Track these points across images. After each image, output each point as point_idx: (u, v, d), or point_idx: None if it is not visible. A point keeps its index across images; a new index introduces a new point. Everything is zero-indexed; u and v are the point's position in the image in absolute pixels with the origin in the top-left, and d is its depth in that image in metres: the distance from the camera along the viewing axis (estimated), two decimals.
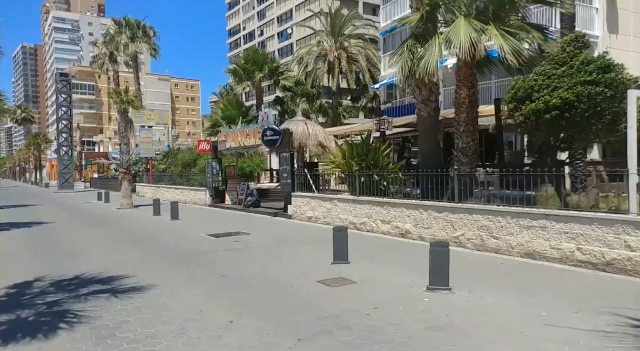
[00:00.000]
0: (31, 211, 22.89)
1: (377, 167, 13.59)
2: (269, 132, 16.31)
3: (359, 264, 8.38)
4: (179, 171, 29.59)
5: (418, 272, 7.67)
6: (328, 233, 12.53)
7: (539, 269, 7.76)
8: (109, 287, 7.35)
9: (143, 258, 9.72)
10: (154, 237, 12.93)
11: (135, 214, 20.03)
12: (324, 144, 16.71)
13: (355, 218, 12.90)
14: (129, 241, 12.33)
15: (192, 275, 8.08)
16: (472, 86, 11.64)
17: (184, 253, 10.26)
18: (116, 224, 16.46)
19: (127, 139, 23.26)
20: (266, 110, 17.58)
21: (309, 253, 9.85)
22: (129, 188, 23.05)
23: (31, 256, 10.36)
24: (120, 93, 22.86)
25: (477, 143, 11.76)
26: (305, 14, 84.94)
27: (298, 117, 17.98)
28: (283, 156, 16.31)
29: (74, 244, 11.80)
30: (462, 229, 9.73)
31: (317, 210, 14.59)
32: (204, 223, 16.02)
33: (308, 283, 7.26)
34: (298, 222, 15.26)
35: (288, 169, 16.03)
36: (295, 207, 15.76)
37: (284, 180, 16.33)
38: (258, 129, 18.21)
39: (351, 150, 14.45)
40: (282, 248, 10.47)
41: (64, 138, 44.15)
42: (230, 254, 9.89)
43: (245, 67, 35.31)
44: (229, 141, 20.77)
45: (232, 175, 22.91)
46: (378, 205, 12.06)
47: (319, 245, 10.67)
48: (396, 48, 11.82)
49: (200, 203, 23.21)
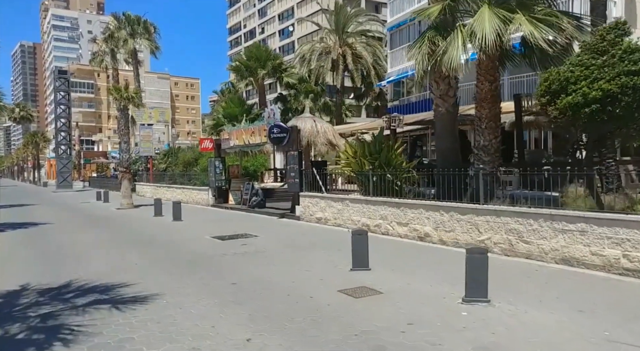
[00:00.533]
0: (28, 211, 22.22)
1: (390, 166, 12.96)
2: (275, 130, 15.64)
3: (380, 272, 7.72)
4: (180, 170, 28.92)
5: (447, 280, 7.03)
6: (340, 235, 12.00)
7: (581, 278, 7.10)
8: (110, 297, 6.69)
9: (146, 263, 9.06)
10: (156, 239, 12.27)
11: (135, 214, 19.36)
12: (333, 142, 16.04)
13: (369, 220, 12.24)
14: (130, 244, 11.66)
15: (200, 283, 7.41)
16: (494, 79, 11.00)
17: (189, 257, 9.59)
18: (116, 225, 15.80)
19: (128, 137, 22.59)
20: (272, 106, 16.92)
21: (323, 257, 9.18)
22: (129, 187, 22.38)
23: (26, 259, 9.69)
24: (121, 90, 22.17)
25: (499, 141, 11.11)
26: (308, 11, 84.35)
27: (306, 114, 17.31)
28: (290, 154, 15.65)
29: (72, 247, 11.14)
30: (489, 233, 9.08)
31: (327, 211, 13.93)
32: (207, 225, 15.36)
33: (328, 292, 6.61)
34: (307, 224, 14.61)
35: (296, 168, 15.36)
36: (303, 208, 15.11)
37: (292, 180, 15.67)
38: (264, 127, 17.54)
39: (363, 148, 13.80)
40: (294, 253, 9.80)
41: (62, 136, 43.44)
42: (240, 259, 9.23)
43: (248, 63, 34.65)
44: (233, 139, 20.10)
45: (235, 174, 22.25)
46: (394, 206, 11.40)
47: (333, 249, 10.02)
48: (415, 40, 11.15)
49: (203, 203, 22.55)
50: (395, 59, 28.54)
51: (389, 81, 28.76)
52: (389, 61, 29.64)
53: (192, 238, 12.29)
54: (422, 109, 25.17)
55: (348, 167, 14.25)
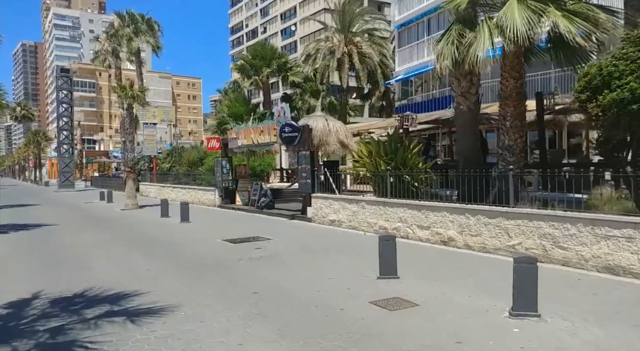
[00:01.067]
0: (31, 211, 21.75)
1: (406, 167, 12.49)
2: (287, 129, 15.15)
3: (410, 280, 7.23)
4: (185, 170, 28.44)
5: (484, 290, 6.54)
6: (357, 239, 11.52)
7: (630, 288, 6.60)
8: (124, 308, 6.21)
9: (158, 269, 8.57)
10: (166, 242, 11.77)
11: (141, 215, 18.88)
12: (346, 142, 15.55)
13: (387, 223, 11.75)
14: (139, 247, 11.17)
15: (219, 292, 6.92)
16: (519, 76, 10.51)
17: (203, 262, 9.10)
18: (122, 227, 15.30)
19: (132, 136, 22.11)
20: (282, 105, 16.42)
21: (344, 263, 8.69)
22: (134, 187, 21.89)
23: (31, 264, 9.20)
24: (125, 88, 21.71)
25: (525, 140, 10.63)
26: (310, 10, 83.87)
27: (317, 113, 16.81)
28: (302, 154, 15.16)
29: (78, 250, 10.65)
30: (520, 238, 8.58)
31: (341, 213, 13.43)
32: (216, 226, 14.87)
33: (359, 304, 6.11)
34: (319, 226, 14.11)
35: (308, 168, 14.87)
36: (315, 209, 14.61)
37: (303, 180, 15.17)
38: (273, 126, 17.05)
39: (378, 147, 13.31)
40: (313, 258, 9.30)
41: (64, 136, 42.93)
42: (256, 265, 8.73)
43: (253, 62, 34.13)
44: (240, 138, 19.60)
45: (242, 174, 21.75)
46: (414, 209, 10.90)
47: (352, 254, 9.53)
48: (442, 33, 10.64)
49: (209, 203, 22.06)
50: (404, 57, 28.04)
51: (397, 79, 28.26)
52: (397, 60, 29.14)
53: (202, 241, 11.80)
54: (430, 108, 24.69)
55: (362, 168, 13.77)
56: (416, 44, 26.72)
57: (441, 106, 24.14)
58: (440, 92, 25.29)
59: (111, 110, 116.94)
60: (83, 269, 8.62)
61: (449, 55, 10.10)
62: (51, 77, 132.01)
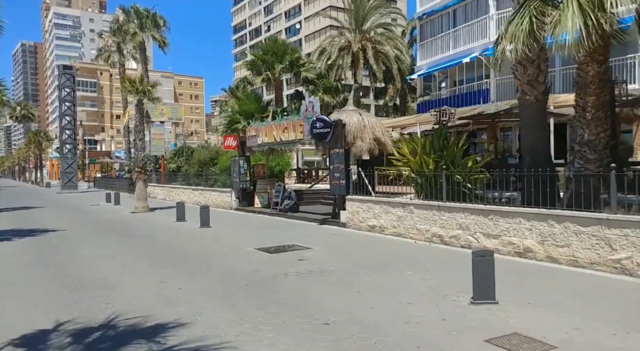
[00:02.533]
0: (35, 215, 20.35)
1: (455, 166, 11.13)
2: (318, 124, 13.74)
3: (514, 307, 5.82)
4: (196, 171, 27.00)
5: (630, 325, 5.11)
6: (409, 248, 10.02)
7: None
8: (165, 346, 4.81)
9: (194, 289, 7.15)
10: (193, 253, 10.37)
11: (154, 219, 17.46)
12: (382, 138, 14.15)
13: (442, 230, 10.34)
14: (164, 259, 9.76)
15: (279, 322, 5.51)
16: (604, 60, 9.12)
17: (243, 279, 7.69)
18: (137, 233, 13.88)
19: (142, 134, 20.73)
20: (311, 98, 15.01)
21: (417, 282, 7.28)
22: (145, 189, 20.49)
23: (41, 283, 7.79)
24: (135, 82, 20.32)
25: (609, 135, 9.22)
26: (315, 8, 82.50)
27: (349, 107, 15.39)
28: (335, 152, 13.75)
29: (94, 264, 9.25)
30: (627, 251, 7.17)
31: (384, 218, 12.02)
32: (242, 232, 13.48)
33: (474, 344, 4.70)
34: (357, 232, 12.71)
35: (342, 167, 13.47)
36: (351, 214, 13.21)
37: (336, 181, 13.77)
38: (300, 122, 15.65)
39: (424, 145, 11.91)
40: (374, 274, 7.88)
41: (67, 135, 41.49)
42: (309, 284, 7.33)
43: (264, 58, 32.69)
44: (260, 136, 18.20)
45: (260, 175, 20.36)
46: (479, 214, 9.50)
47: (418, 269, 8.13)
48: (513, 13, 9.24)
49: (225, 206, 20.65)
50: (427, 50, 26.61)
51: (420, 74, 26.82)
52: (419, 53, 27.70)
53: (233, 251, 10.40)
54: (456, 104, 23.25)
55: (405, 168, 12.37)
56: (440, 36, 25.30)
57: (469, 102, 22.76)
58: (468, 87, 23.88)
59: (112, 110, 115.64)
60: (104, 288, 7.22)
61: (521, 37, 8.71)
62: (52, 77, 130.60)
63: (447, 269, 8.12)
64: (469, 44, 23.16)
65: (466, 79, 24.19)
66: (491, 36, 21.74)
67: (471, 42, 23.06)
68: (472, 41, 23.02)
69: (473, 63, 23.15)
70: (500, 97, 21.44)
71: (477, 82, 23.24)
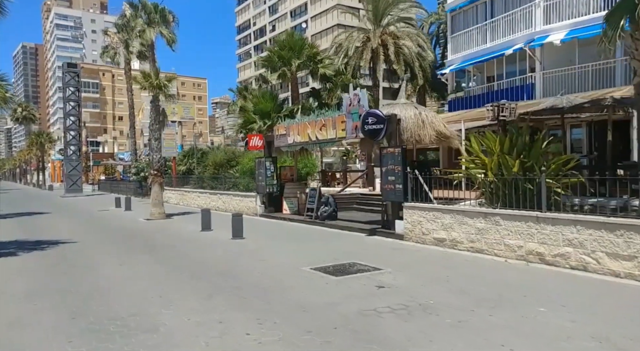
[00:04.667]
0: (40, 222, 18.51)
1: (539, 168, 9.36)
2: (370, 119, 11.88)
3: None
4: (211, 173, 25.18)
5: None
6: (506, 270, 7.95)
7: None
8: None
9: (266, 336, 5.28)
10: (240, 274, 8.50)
11: (175, 228, 15.60)
12: (447, 134, 12.27)
13: (543, 247, 8.49)
14: (207, 283, 7.90)
15: None
16: None
17: (325, 319, 5.83)
18: (162, 245, 12.01)
19: (159, 133, 18.87)
20: (358, 90, 13.16)
21: (566, 326, 5.42)
22: (161, 193, 18.64)
23: (58, 323, 5.92)
24: (149, 76, 18.50)
25: None
26: (322, 7, 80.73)
27: (401, 100, 13.53)
28: (388, 151, 11.90)
29: (125, 290, 7.39)
30: None
31: (457, 230, 10.16)
32: (282, 245, 11.64)
33: None
34: (421, 246, 10.84)
35: (398, 170, 11.62)
36: (411, 224, 11.35)
37: (390, 185, 11.91)
38: (341, 117, 13.81)
39: (502, 143, 10.08)
40: (496, 313, 5.98)
41: (72, 136, 39.60)
42: (417, 327, 5.47)
43: (281, 53, 30.86)
44: (291, 134, 16.36)
45: (288, 178, 18.52)
46: (601, 228, 7.63)
47: (548, 302, 6.28)
48: None
49: (248, 212, 18.77)
50: (459, 43, 24.79)
51: (452, 68, 24.97)
52: (450, 47, 25.87)
53: (286, 272, 8.54)
54: (491, 101, 21.37)
55: (479, 170, 10.52)
56: (476, 28, 23.47)
57: (509, 98, 20.90)
58: (508, 82, 22.03)
59: (115, 111, 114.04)
60: (148, 333, 5.36)
61: None
62: (53, 78, 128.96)
63: (587, 303, 6.27)
64: (510, 36, 21.33)
65: (506, 74, 22.33)
66: (537, 26, 19.96)
67: (512, 34, 21.22)
68: (514, 32, 21.18)
69: (514, 56, 21.32)
70: (547, 92, 19.61)
71: (519, 76, 21.39)
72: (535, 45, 19.55)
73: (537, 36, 19.53)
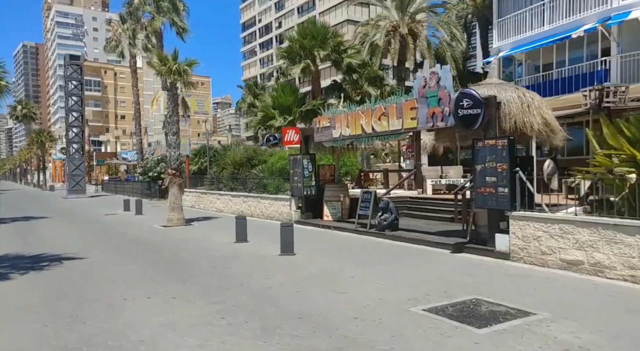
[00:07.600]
0: (40, 228, 15.86)
1: None
2: (465, 102, 9.18)
3: None
4: (230, 172, 22.49)
5: None
6: None
7: None
8: None
9: None
10: (324, 320, 5.81)
11: (202, 239, 12.89)
12: (555, 126, 9.62)
13: None
14: (286, 339, 5.21)
15: None
16: None
17: None
18: (197, 265, 9.26)
19: (177, 127, 16.19)
20: (435, 68, 10.49)
21: None
22: (180, 196, 15.98)
23: None
24: (168, 60, 15.82)
25: None
26: (331, 2, 78.04)
27: (493, 79, 10.86)
28: (488, 144, 9.22)
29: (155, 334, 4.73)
30: None
31: (603, 251, 7.46)
32: (349, 267, 8.88)
33: None
34: (545, 270, 8.14)
35: (503, 168, 8.94)
36: (522, 239, 8.67)
37: (490, 188, 9.22)
38: (411, 103, 11.12)
39: None
40: None
41: (74, 133, 36.85)
42: None
43: (303, 43, 28.17)
44: (338, 126, 13.70)
45: (327, 178, 15.86)
46: None
47: None
48: None
49: (280, 217, 16.07)
50: (507, 28, 22.09)
51: (502, 55, 22.21)
52: (495, 33, 23.15)
53: (388, 316, 5.83)
54: (544, 92, 18.75)
55: (626, 167, 7.85)
56: (529, 9, 20.78)
57: (574, 88, 18.26)
58: (571, 68, 19.33)
59: (117, 110, 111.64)
60: None
61: None
62: (54, 76, 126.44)
63: None
64: (576, 15, 18.64)
65: (569, 60, 19.63)
66: (614, 1, 17.25)
67: (580, 12, 18.53)
68: (582, 11, 18.47)
69: (580, 40, 18.64)
70: (626, 79, 16.92)
71: (588, 62, 18.70)
72: (612, 23, 16.86)
73: (615, 12, 16.85)
